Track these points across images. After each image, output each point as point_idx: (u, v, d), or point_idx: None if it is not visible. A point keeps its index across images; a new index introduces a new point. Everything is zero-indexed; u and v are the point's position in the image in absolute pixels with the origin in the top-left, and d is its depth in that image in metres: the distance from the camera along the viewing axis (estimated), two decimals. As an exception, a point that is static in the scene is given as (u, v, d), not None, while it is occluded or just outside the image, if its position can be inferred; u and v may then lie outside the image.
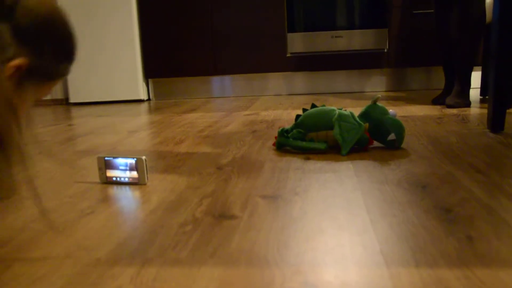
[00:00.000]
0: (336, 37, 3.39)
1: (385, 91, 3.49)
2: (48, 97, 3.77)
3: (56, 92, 3.76)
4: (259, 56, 3.47)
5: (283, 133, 1.52)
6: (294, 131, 1.51)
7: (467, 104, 2.37)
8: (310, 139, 1.48)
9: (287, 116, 2.35)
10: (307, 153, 1.47)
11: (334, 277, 0.66)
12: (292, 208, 0.95)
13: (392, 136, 1.45)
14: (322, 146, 1.44)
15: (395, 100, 2.85)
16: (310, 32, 3.40)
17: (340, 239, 0.79)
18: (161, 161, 1.45)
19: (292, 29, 3.41)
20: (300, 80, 3.58)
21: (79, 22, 3.46)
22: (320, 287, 0.63)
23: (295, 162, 1.36)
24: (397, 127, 1.45)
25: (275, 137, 1.55)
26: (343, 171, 1.23)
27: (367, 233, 0.81)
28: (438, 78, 3.44)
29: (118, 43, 3.47)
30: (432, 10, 3.19)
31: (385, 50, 3.35)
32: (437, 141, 1.56)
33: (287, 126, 1.69)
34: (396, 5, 3.29)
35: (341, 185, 1.10)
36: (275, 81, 3.61)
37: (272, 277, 0.66)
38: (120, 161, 1.19)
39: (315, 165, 1.31)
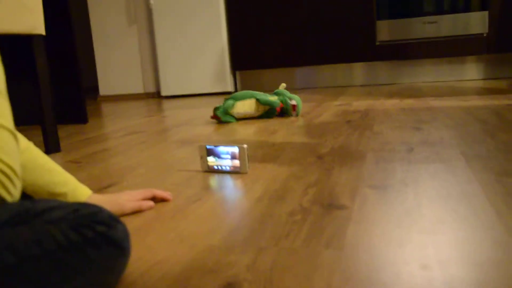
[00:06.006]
0: (429, 23, 3.22)
1: (483, 79, 3.27)
2: (142, 91, 3.94)
3: (148, 85, 3.92)
4: (346, 45, 3.38)
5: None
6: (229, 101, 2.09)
7: None
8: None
9: (380, 106, 2.26)
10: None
11: (466, 274, 0.60)
12: (405, 199, 0.90)
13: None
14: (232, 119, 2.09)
15: (495, 89, 2.65)
16: (401, 19, 3.25)
17: (465, 233, 0.73)
18: (259, 150, 1.45)
19: (382, 17, 3.29)
20: (386, 69, 3.44)
21: (168, 19, 3.57)
22: (453, 285, 0.58)
23: (398, 152, 1.29)
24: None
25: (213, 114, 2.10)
26: (452, 161, 1.15)
27: (495, 227, 0.74)
28: (545, 64, 3.16)
29: (205, 37, 3.54)
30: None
31: (484, 35, 3.13)
32: (556, 130, 1.42)
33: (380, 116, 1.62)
34: (497, -15, 3.05)
35: (454, 176, 1.03)
36: (361, 70, 3.51)
37: (398, 273, 0.62)
38: (222, 149, 1.19)
39: (420, 154, 1.24)
